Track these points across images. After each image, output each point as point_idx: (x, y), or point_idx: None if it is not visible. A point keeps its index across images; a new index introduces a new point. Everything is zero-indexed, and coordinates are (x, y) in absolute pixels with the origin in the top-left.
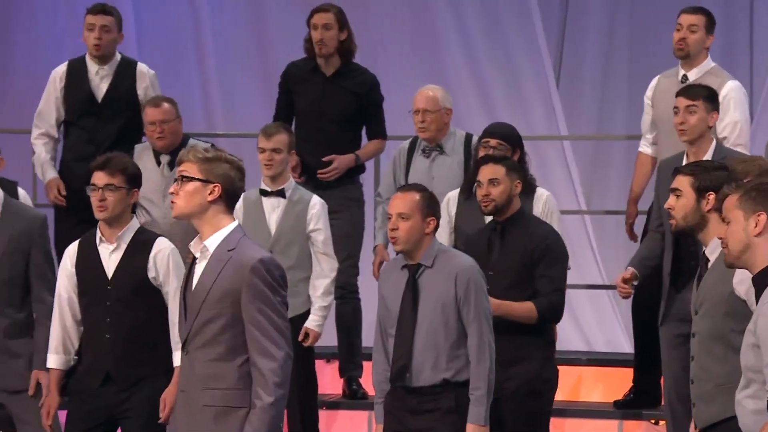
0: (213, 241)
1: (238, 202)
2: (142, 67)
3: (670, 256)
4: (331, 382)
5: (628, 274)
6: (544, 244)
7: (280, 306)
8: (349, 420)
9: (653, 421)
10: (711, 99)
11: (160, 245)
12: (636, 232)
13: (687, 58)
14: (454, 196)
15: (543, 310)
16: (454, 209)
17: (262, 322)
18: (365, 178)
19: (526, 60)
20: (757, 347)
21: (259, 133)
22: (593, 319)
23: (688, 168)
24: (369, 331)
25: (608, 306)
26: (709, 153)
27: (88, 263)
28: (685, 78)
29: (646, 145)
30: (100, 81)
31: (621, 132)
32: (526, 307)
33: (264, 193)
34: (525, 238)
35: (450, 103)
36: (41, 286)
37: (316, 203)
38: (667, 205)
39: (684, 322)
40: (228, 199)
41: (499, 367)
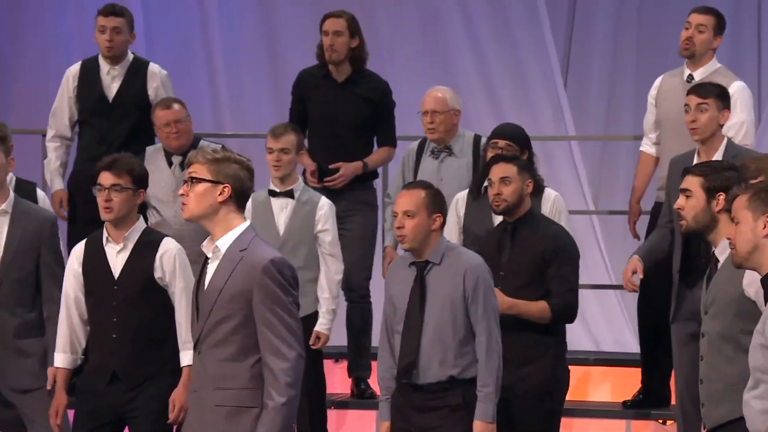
0: (225, 242)
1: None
2: (153, 67)
3: (679, 254)
4: (339, 381)
5: (633, 266)
6: (556, 244)
7: (292, 306)
8: (358, 420)
9: (661, 421)
10: (722, 97)
11: (167, 246)
12: (639, 232)
13: (692, 58)
14: (462, 196)
15: (557, 310)
16: (462, 210)
17: (274, 323)
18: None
19: (534, 61)
20: (766, 348)
21: (267, 133)
22: (601, 318)
23: (698, 168)
24: (378, 332)
25: (616, 306)
26: (720, 151)
27: (95, 263)
28: (691, 77)
29: (648, 145)
30: (112, 81)
31: (628, 132)
32: (541, 307)
33: (273, 194)
34: (536, 239)
35: (459, 104)
36: (52, 286)
37: (325, 204)
38: (676, 206)
39: (695, 321)
40: (238, 200)
41: (511, 367)
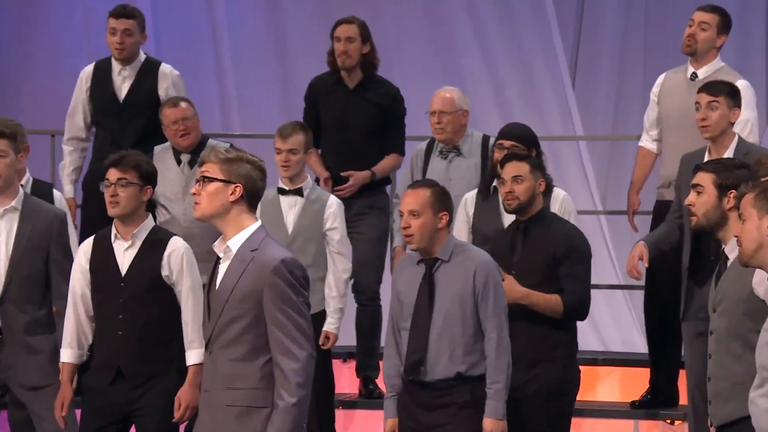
0: (236, 242)
1: None
2: (165, 67)
3: (688, 251)
4: (347, 381)
5: (639, 251)
6: (568, 243)
7: (302, 306)
8: (366, 419)
9: (669, 421)
10: (732, 95)
11: (175, 244)
12: (639, 227)
13: (694, 55)
14: (471, 196)
15: (570, 305)
16: (472, 209)
17: (285, 323)
18: None
19: (542, 61)
20: None
21: (275, 134)
22: (609, 318)
23: (710, 165)
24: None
25: (624, 306)
26: (731, 148)
27: (103, 260)
28: (695, 75)
29: (648, 141)
30: (123, 81)
31: (636, 132)
32: (553, 300)
33: (282, 192)
34: (548, 238)
35: (467, 104)
36: (62, 283)
37: (334, 203)
38: (687, 201)
39: (705, 318)
40: (250, 199)
41: (521, 366)
